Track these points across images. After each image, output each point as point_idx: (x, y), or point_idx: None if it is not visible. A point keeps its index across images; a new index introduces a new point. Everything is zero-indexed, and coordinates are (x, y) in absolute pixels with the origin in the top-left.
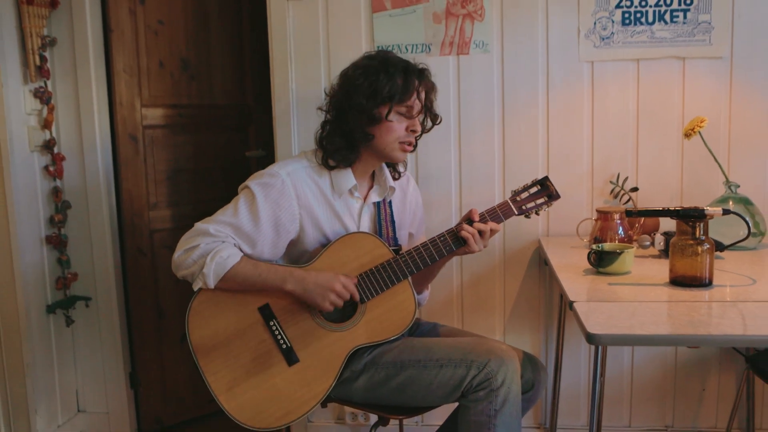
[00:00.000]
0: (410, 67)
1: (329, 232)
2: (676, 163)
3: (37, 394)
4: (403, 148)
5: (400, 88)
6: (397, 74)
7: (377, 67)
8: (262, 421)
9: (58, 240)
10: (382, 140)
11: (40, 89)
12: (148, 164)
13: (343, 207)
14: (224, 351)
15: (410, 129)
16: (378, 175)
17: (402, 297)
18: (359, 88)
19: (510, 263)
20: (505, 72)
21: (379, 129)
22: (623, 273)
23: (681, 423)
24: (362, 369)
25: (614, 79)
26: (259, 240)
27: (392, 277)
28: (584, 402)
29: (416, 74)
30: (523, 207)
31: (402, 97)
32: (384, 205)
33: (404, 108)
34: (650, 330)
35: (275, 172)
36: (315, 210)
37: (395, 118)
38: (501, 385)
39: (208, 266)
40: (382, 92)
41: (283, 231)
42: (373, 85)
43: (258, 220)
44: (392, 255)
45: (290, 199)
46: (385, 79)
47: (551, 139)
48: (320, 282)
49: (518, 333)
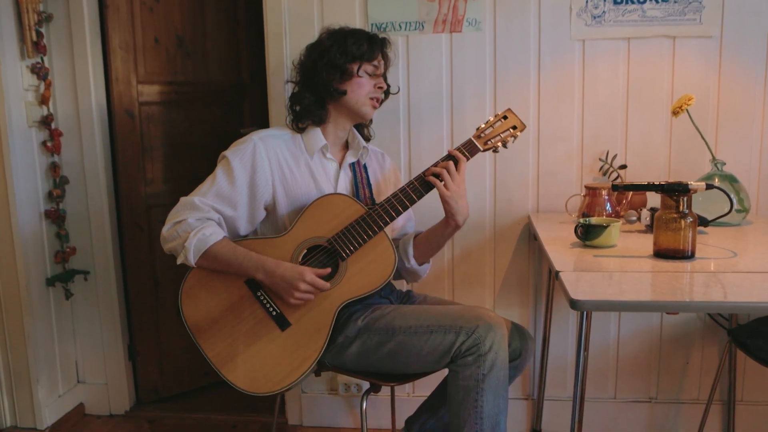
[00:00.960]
0: (372, 34)
1: (303, 196)
2: (664, 141)
3: (38, 364)
4: (372, 104)
5: (367, 48)
6: (362, 38)
7: (344, 33)
8: (264, 386)
9: (56, 214)
10: (354, 95)
11: (37, 65)
12: (145, 140)
13: (318, 168)
14: (220, 327)
15: (377, 86)
16: (351, 138)
17: (380, 248)
18: (330, 49)
19: (500, 239)
20: (497, 50)
21: (350, 84)
22: (609, 246)
23: (665, 395)
24: (355, 335)
25: (605, 58)
26: (238, 200)
27: (367, 231)
28: (571, 374)
29: (379, 39)
30: (488, 142)
31: (370, 55)
32: (359, 167)
33: (371, 67)
34: (632, 296)
35: (247, 138)
36: (289, 173)
37: (364, 75)
38: (489, 350)
39: (190, 241)
40: (352, 51)
41: (258, 193)
42: (343, 45)
43: (234, 181)
44: (365, 210)
45: (262, 161)
46: (352, 40)
47: (542, 117)
48: (287, 278)
49: (508, 306)
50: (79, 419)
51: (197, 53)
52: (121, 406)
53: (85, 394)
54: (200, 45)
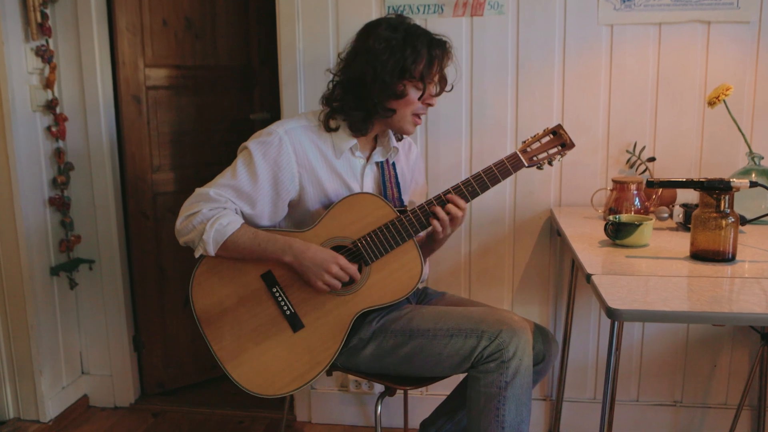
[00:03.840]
0: (434, 41)
1: (331, 192)
2: (695, 132)
3: (42, 355)
4: (415, 121)
5: (425, 66)
6: (422, 50)
7: (402, 41)
8: (269, 388)
9: (61, 202)
10: (401, 113)
11: (41, 47)
12: (152, 126)
13: (345, 166)
14: (229, 319)
15: (426, 102)
16: (381, 137)
17: (407, 258)
18: (386, 64)
19: (520, 233)
20: (520, 35)
21: (399, 104)
22: (641, 245)
23: (690, 399)
24: (370, 337)
25: (634, 44)
26: (258, 199)
27: (396, 238)
28: (591, 375)
29: (440, 49)
30: (533, 158)
31: (428, 76)
32: (388, 165)
33: (430, 85)
34: (672, 306)
35: (272, 130)
36: (316, 169)
37: (413, 92)
38: (512, 356)
39: (207, 233)
40: (410, 70)
41: (283, 190)
42: (401, 62)
43: (256, 178)
44: (396, 215)
45: (288, 157)
46: (412, 56)
47: (566, 106)
48: (317, 260)
49: (527, 304)
50: (83, 411)
51: (206, 36)
52: (125, 398)
53: (89, 385)
54: (209, 27)
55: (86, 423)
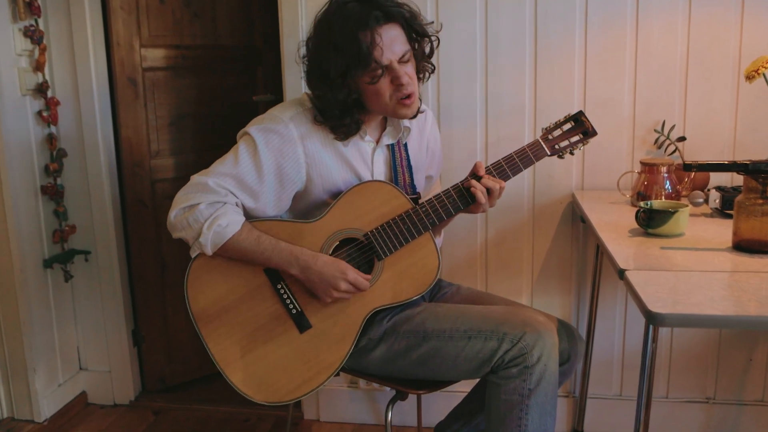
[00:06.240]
0: (358, 23)
1: (340, 181)
2: (729, 110)
3: (36, 352)
4: (403, 103)
5: (354, 60)
6: (344, 44)
7: (322, 41)
8: (272, 395)
9: (54, 190)
10: (377, 106)
11: (30, 28)
12: (149, 109)
13: (353, 152)
14: (228, 318)
15: (395, 83)
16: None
17: (424, 252)
18: (315, 73)
19: (540, 219)
20: (538, 7)
21: (365, 97)
22: (676, 235)
23: (723, 395)
24: (381, 337)
25: (661, 15)
26: (262, 193)
27: (412, 230)
28: (617, 370)
29: (369, 29)
30: (555, 146)
31: (359, 66)
32: (399, 147)
33: (377, 71)
34: (723, 309)
35: (276, 115)
36: (323, 158)
37: (372, 82)
38: (537, 361)
39: (205, 235)
40: (333, 72)
41: (288, 182)
42: (324, 66)
43: (261, 170)
44: (411, 205)
45: (294, 146)
46: (332, 56)
47: (588, 83)
48: (326, 276)
49: (547, 296)
50: (81, 409)
51: (206, 14)
52: (125, 395)
53: (87, 382)
54: (209, 5)
55: (84, 422)
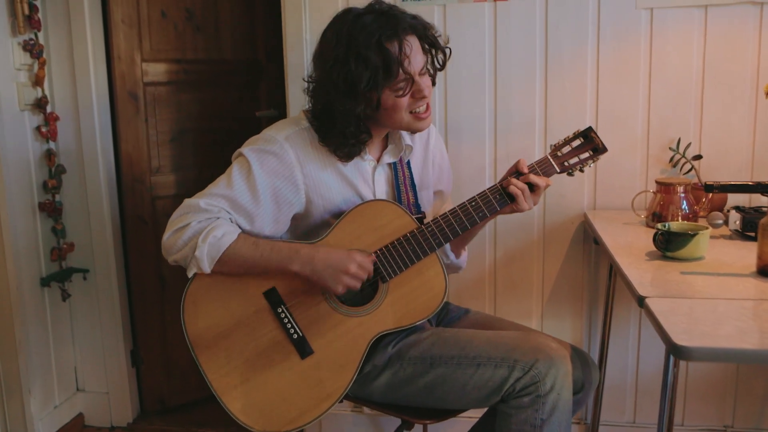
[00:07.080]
0: (384, 34)
1: (341, 200)
2: (747, 127)
3: (32, 373)
4: (418, 116)
5: (381, 70)
6: (371, 54)
7: (345, 52)
8: (272, 425)
9: (52, 207)
10: (391, 121)
11: (29, 42)
12: (150, 125)
13: (353, 171)
14: (226, 344)
15: (417, 96)
16: (392, 134)
17: (430, 274)
18: (337, 86)
19: (550, 239)
20: (549, 20)
21: (381, 111)
22: (696, 258)
23: (742, 423)
24: (385, 364)
25: (677, 29)
26: (258, 215)
27: (417, 251)
28: (630, 396)
29: (396, 39)
30: (565, 163)
31: (387, 77)
32: (402, 165)
33: (404, 81)
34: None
35: (271, 136)
36: (322, 177)
37: (392, 95)
38: (550, 390)
39: (200, 248)
40: (360, 84)
41: (285, 203)
42: (349, 78)
43: (256, 192)
44: (416, 225)
45: (291, 167)
46: (358, 67)
47: (601, 99)
48: (332, 262)
49: (558, 319)
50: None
51: (208, 28)
52: (123, 417)
53: (84, 403)
54: (212, 19)
55: None
